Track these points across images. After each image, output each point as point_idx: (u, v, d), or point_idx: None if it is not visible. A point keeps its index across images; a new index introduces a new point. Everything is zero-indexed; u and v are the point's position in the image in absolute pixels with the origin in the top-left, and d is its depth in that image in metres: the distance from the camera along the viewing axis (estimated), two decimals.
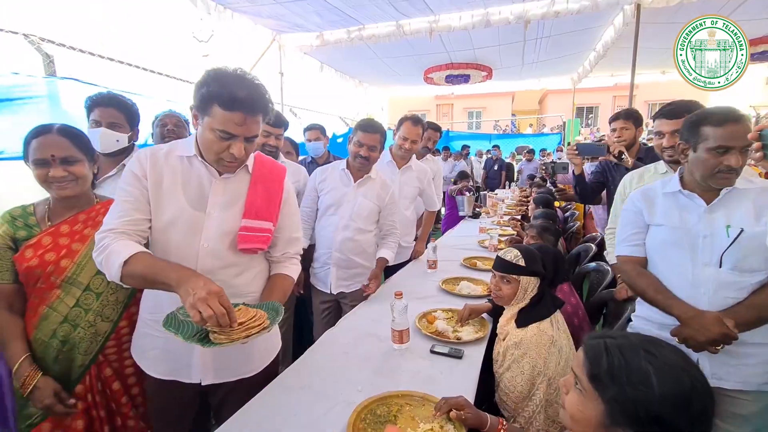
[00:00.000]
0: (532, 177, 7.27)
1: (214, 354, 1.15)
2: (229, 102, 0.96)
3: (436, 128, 3.13)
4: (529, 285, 1.38)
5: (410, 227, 2.65)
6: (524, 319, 1.34)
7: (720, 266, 1.15)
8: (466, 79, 8.61)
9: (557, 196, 3.49)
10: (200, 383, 1.17)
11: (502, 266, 1.41)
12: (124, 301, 1.29)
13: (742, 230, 1.13)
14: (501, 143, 10.26)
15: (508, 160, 9.49)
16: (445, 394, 1.08)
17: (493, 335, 1.50)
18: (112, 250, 0.97)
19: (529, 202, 5.07)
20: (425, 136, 2.99)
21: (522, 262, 1.37)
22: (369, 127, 1.95)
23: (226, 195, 1.14)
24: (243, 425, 1.05)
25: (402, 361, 1.38)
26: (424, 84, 9.28)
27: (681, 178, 1.29)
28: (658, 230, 1.28)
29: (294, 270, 1.29)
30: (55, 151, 1.18)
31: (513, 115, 17.92)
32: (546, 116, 16.72)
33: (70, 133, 1.22)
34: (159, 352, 1.17)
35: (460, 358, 1.38)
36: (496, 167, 8.63)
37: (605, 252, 1.99)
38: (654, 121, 1.77)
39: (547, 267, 1.46)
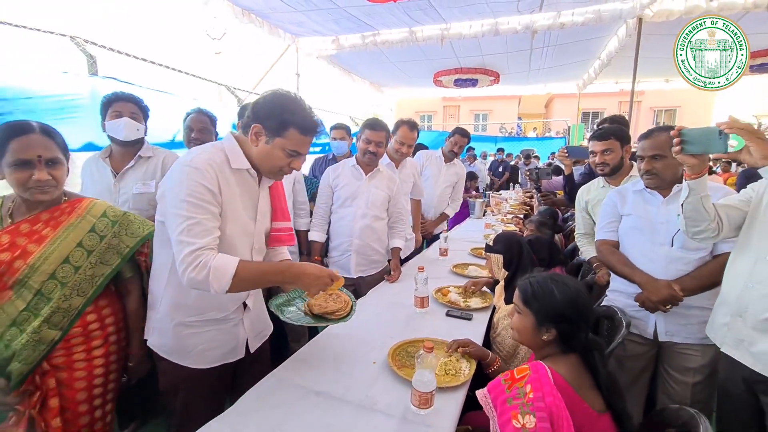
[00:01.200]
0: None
1: (252, 324, 1.35)
2: (308, 128, 1.17)
3: (464, 134, 3.16)
4: (498, 260, 1.75)
5: (409, 218, 2.90)
6: (509, 297, 1.67)
7: (672, 245, 1.48)
8: (474, 83, 8.91)
9: (541, 201, 3.56)
10: (244, 355, 1.32)
11: (485, 246, 1.89)
12: (78, 308, 1.20)
13: None
14: (506, 146, 10.50)
15: (512, 163, 9.76)
16: None
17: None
18: (216, 266, 1.03)
19: (532, 201, 5.35)
20: (452, 141, 3.19)
21: (491, 242, 1.81)
22: (376, 125, 2.17)
23: (267, 203, 1.33)
24: (309, 358, 1.38)
25: (423, 321, 1.71)
26: (433, 86, 9.59)
27: None
28: (628, 219, 1.63)
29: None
30: (42, 151, 1.08)
31: (519, 118, 18.14)
32: (551, 121, 16.93)
33: (51, 132, 1.14)
34: (209, 344, 1.25)
35: (470, 320, 1.72)
36: (500, 169, 8.92)
37: (579, 252, 2.27)
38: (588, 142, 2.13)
39: (539, 252, 1.83)
